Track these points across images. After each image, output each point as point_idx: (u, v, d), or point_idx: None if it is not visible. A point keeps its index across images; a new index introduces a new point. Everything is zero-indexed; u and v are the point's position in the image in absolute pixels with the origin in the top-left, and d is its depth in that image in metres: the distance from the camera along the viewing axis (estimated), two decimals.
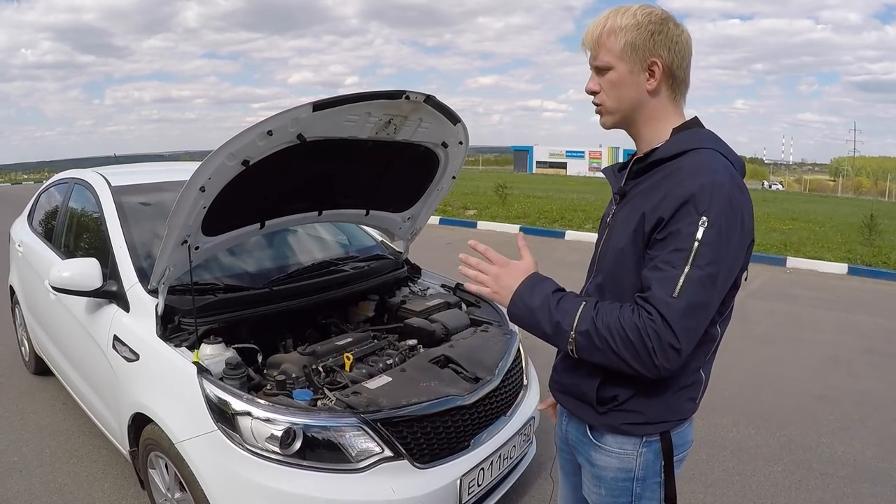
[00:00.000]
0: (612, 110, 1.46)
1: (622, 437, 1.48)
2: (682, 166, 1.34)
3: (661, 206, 1.30)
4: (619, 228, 1.44)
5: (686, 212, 1.27)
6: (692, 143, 1.39)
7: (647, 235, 1.33)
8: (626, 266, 1.39)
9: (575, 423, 1.61)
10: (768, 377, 4.90)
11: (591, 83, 1.46)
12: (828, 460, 3.64)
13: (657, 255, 1.29)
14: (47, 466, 3.40)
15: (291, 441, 2.05)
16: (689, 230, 1.26)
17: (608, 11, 1.43)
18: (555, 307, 1.37)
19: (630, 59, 1.39)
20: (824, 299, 7.70)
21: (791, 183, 59.26)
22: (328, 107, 2.12)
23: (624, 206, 1.48)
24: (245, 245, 3.08)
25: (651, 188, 1.38)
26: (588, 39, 1.43)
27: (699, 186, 1.27)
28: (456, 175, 3.09)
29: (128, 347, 2.56)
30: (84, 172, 3.76)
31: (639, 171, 1.47)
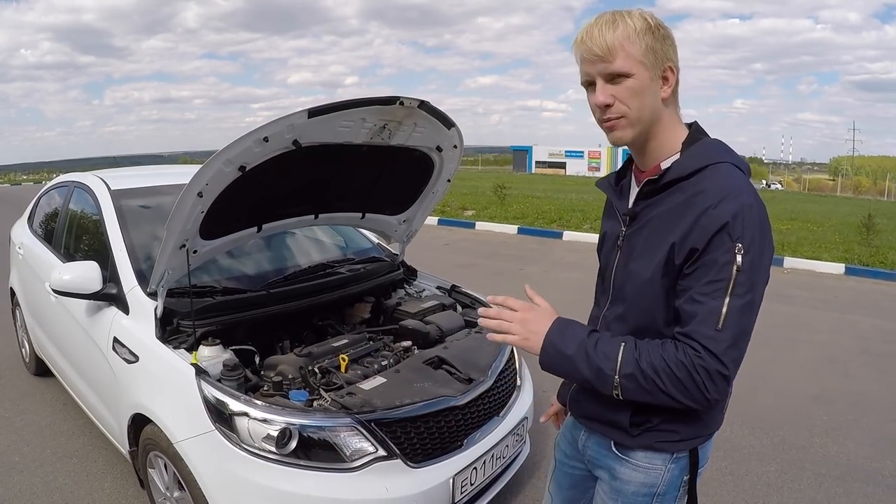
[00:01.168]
0: (635, 121, 1.34)
1: (653, 452, 1.45)
2: (705, 188, 1.29)
3: (692, 235, 1.26)
4: (639, 255, 1.39)
5: (720, 240, 1.24)
6: (707, 158, 1.34)
7: (679, 267, 1.30)
8: (655, 297, 1.35)
9: (596, 438, 1.58)
10: (763, 378, 4.92)
11: (603, 95, 1.32)
12: (821, 460, 3.67)
13: (692, 287, 1.27)
14: (48, 466, 3.44)
15: (287, 441, 2.09)
16: (726, 258, 1.23)
17: (609, 15, 1.33)
18: (592, 351, 1.31)
19: (651, 64, 1.31)
20: (821, 300, 7.73)
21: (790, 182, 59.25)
22: (323, 113, 2.16)
23: (639, 229, 1.42)
24: (243, 248, 3.12)
25: (673, 213, 1.33)
26: (598, 44, 1.29)
27: (731, 213, 1.23)
28: (451, 178, 3.13)
29: (127, 349, 2.60)
30: (84, 176, 3.80)
31: (651, 192, 1.39)
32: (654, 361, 1.26)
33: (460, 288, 3.58)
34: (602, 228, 1.63)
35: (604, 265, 1.56)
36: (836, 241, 11.97)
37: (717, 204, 1.24)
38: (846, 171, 59.39)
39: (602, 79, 1.32)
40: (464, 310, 3.36)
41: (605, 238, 1.58)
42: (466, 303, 3.43)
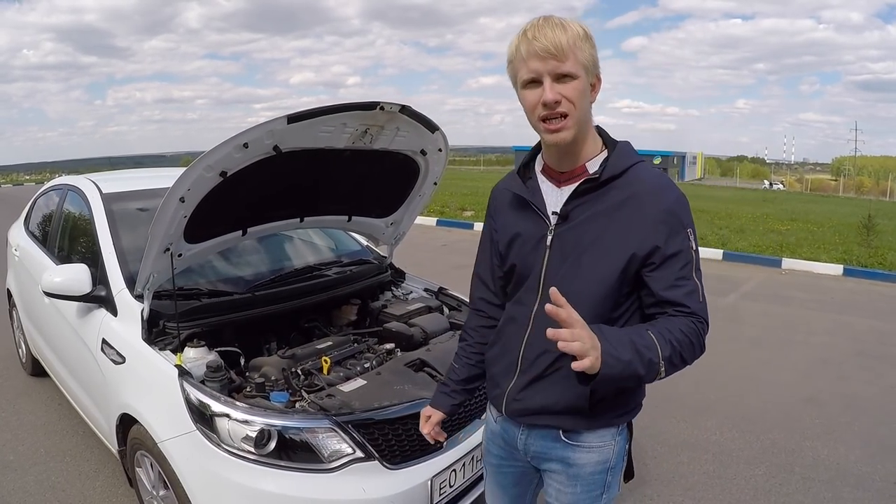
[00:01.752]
0: (577, 122, 1.42)
1: (603, 430, 1.57)
2: (645, 188, 1.45)
3: (652, 234, 1.42)
4: (587, 253, 1.46)
5: (677, 231, 1.44)
6: (631, 157, 1.49)
7: (642, 260, 1.44)
8: (609, 289, 1.46)
9: (539, 433, 1.62)
10: (756, 380, 4.94)
11: (552, 93, 1.37)
12: (811, 464, 3.68)
13: (669, 275, 1.44)
14: (41, 465, 3.49)
15: (266, 441, 2.12)
16: (686, 245, 1.45)
17: (555, 18, 1.39)
18: (641, 348, 1.34)
19: (591, 71, 1.41)
20: (818, 301, 7.74)
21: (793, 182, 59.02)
22: (303, 119, 2.18)
23: (573, 227, 1.48)
24: (231, 250, 3.15)
25: (618, 211, 1.44)
26: (553, 44, 1.34)
27: (678, 207, 1.45)
28: (437, 181, 3.15)
29: (115, 350, 2.64)
30: (77, 179, 3.84)
31: (587, 190, 1.47)
32: (678, 336, 1.39)
33: (447, 290, 3.60)
34: (507, 230, 1.63)
35: (522, 264, 1.58)
36: (836, 242, 11.98)
37: (663, 199, 1.44)
38: (848, 171, 59.22)
39: (550, 77, 1.38)
40: (450, 312, 3.38)
41: (519, 238, 1.59)
42: (453, 305, 3.45)
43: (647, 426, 4.05)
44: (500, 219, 1.68)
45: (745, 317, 6.82)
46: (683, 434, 3.99)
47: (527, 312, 1.58)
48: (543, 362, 1.54)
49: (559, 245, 1.50)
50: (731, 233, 13.07)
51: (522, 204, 1.58)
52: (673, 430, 4.04)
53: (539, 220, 1.54)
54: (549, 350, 1.50)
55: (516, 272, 1.61)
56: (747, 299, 7.60)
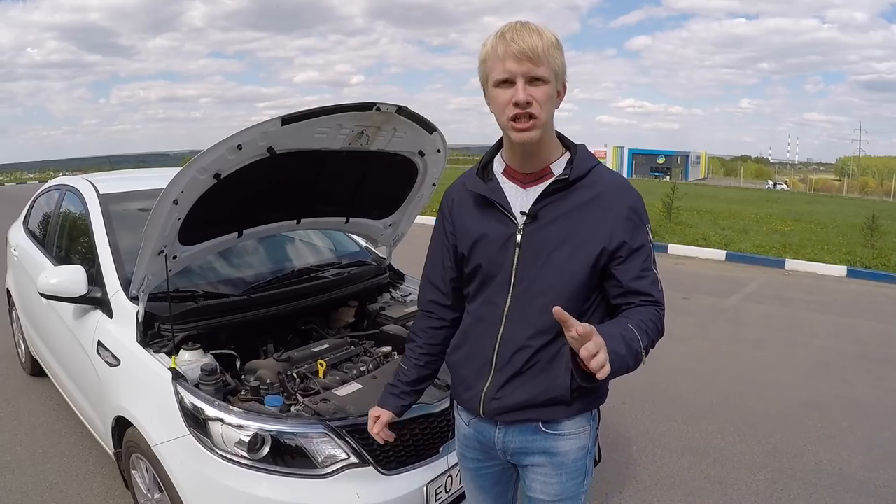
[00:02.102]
0: (543, 124, 1.48)
1: (580, 416, 1.64)
2: (608, 187, 1.55)
3: (619, 230, 1.52)
4: (558, 250, 1.53)
5: (638, 227, 1.55)
6: (592, 159, 1.59)
7: (610, 255, 1.53)
8: (581, 284, 1.54)
9: (517, 428, 1.65)
10: (758, 383, 4.91)
11: (525, 94, 1.42)
12: (813, 469, 3.64)
13: (635, 267, 1.53)
14: (39, 466, 3.48)
15: (259, 446, 2.11)
16: (646, 239, 1.56)
17: (531, 25, 1.45)
18: (631, 342, 1.40)
19: (559, 78, 1.48)
20: (822, 302, 7.71)
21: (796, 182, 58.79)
22: (297, 120, 2.16)
23: (543, 227, 1.54)
24: (227, 251, 3.12)
25: (586, 209, 1.53)
26: (530, 47, 1.40)
27: (638, 204, 1.57)
28: (436, 182, 3.12)
29: (110, 353, 2.62)
30: (75, 179, 3.82)
31: (555, 190, 1.54)
32: (650, 326, 1.48)
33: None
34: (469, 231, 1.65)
35: (489, 264, 1.61)
36: (840, 243, 11.92)
37: (624, 198, 1.54)
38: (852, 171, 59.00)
39: (524, 79, 1.43)
40: None
41: (484, 239, 1.61)
42: None
43: (648, 430, 4.03)
44: (460, 220, 1.69)
45: (747, 318, 6.79)
46: (685, 438, 3.96)
47: (497, 311, 1.60)
48: (521, 358, 1.58)
49: (529, 244, 1.55)
50: (734, 233, 13.02)
51: (486, 204, 1.61)
52: (674, 433, 4.01)
53: (506, 220, 1.58)
54: (526, 346, 1.57)
55: (482, 272, 1.63)
56: (750, 300, 7.56)
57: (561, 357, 1.54)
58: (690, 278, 8.66)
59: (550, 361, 1.56)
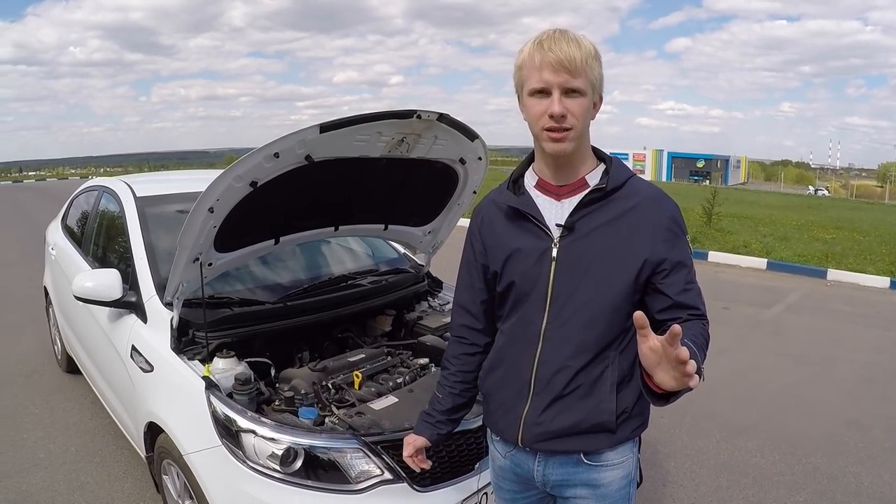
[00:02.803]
0: (578, 136, 1.43)
1: (622, 445, 1.56)
2: (646, 197, 1.50)
3: (661, 241, 1.46)
4: (599, 264, 1.46)
5: (679, 238, 1.49)
6: (627, 170, 1.54)
7: (653, 269, 1.46)
8: (624, 298, 1.47)
9: (558, 460, 1.58)
10: (798, 399, 4.77)
11: (560, 106, 1.38)
12: (853, 491, 3.52)
13: (680, 280, 1.47)
14: (72, 464, 3.51)
15: (292, 460, 2.08)
16: (688, 251, 1.51)
17: (570, 33, 1.40)
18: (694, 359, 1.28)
19: (596, 90, 1.44)
20: (864, 315, 7.49)
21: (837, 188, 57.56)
22: (336, 128, 2.11)
23: (580, 239, 1.48)
24: (264, 258, 3.10)
25: (625, 221, 1.47)
26: (568, 58, 1.35)
27: (676, 214, 1.51)
28: (477, 190, 3.06)
29: (144, 358, 2.62)
30: (112, 181, 3.84)
31: (591, 201, 1.48)
32: (702, 342, 1.40)
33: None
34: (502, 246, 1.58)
35: (522, 280, 1.54)
36: (883, 253, 11.57)
37: (663, 209, 1.49)
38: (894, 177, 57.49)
39: (559, 90, 1.38)
40: None
41: (518, 253, 1.54)
42: None
43: (685, 445, 3.93)
44: (492, 237, 1.63)
45: (788, 331, 6.62)
46: (723, 456, 3.85)
47: (534, 330, 1.53)
48: (561, 380, 1.51)
49: (565, 257, 1.48)
50: (775, 240, 12.74)
51: (520, 218, 1.55)
52: (712, 450, 3.90)
53: (540, 234, 1.52)
54: (566, 366, 1.50)
55: (515, 289, 1.56)
56: (791, 312, 7.37)
57: (604, 380, 1.49)
58: (731, 287, 8.50)
59: (593, 385, 1.50)
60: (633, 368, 1.48)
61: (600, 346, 1.48)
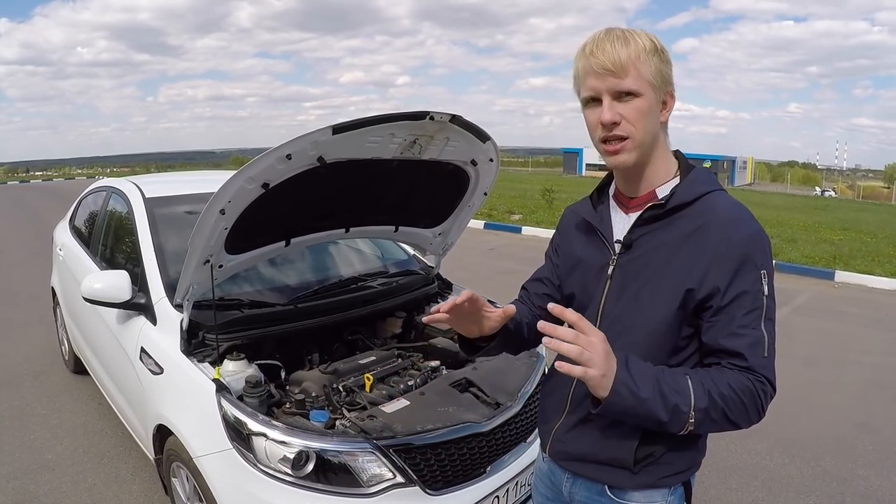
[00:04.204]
0: (639, 144, 1.29)
1: (651, 490, 1.41)
2: (716, 218, 1.29)
3: (714, 272, 1.26)
4: (647, 286, 1.34)
5: (747, 272, 1.25)
6: (707, 185, 1.34)
7: (700, 302, 1.28)
8: (668, 328, 1.32)
9: (584, 483, 1.49)
10: (808, 402, 4.74)
11: (611, 113, 1.26)
12: (863, 494, 3.50)
13: (730, 321, 1.26)
14: (79, 465, 3.50)
15: (304, 463, 2.07)
16: (756, 288, 1.26)
17: (619, 31, 1.29)
18: (668, 390, 1.21)
19: (659, 87, 1.29)
20: (873, 318, 7.45)
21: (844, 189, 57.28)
22: (348, 129, 2.09)
23: (637, 258, 1.37)
24: (274, 260, 3.09)
25: (683, 244, 1.31)
26: (611, 59, 1.24)
27: (751, 243, 1.27)
28: (488, 191, 3.04)
29: (153, 360, 2.61)
30: (120, 181, 3.84)
31: (652, 218, 1.35)
32: (723, 391, 1.22)
33: (496, 304, 3.48)
34: (571, 254, 1.53)
35: (581, 293, 1.47)
36: (891, 254, 11.53)
37: (733, 235, 1.26)
38: None
39: (610, 96, 1.27)
40: None
41: (581, 265, 1.48)
42: None
43: None
44: (565, 244, 1.58)
45: (797, 333, 6.57)
46: (732, 458, 3.83)
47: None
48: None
49: (619, 276, 1.39)
50: (782, 242, 12.69)
51: (589, 230, 1.48)
52: (722, 452, 3.88)
53: (603, 248, 1.43)
54: None
55: (575, 302, 1.48)
56: (800, 314, 7.33)
57: None
58: None
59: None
60: None
61: None
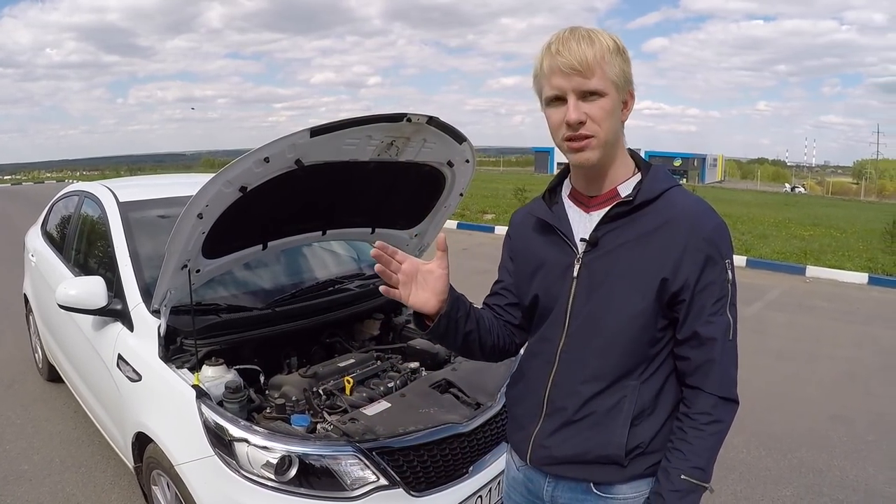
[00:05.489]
0: (603, 143, 1.31)
1: (639, 480, 1.42)
2: (681, 213, 1.34)
3: (686, 262, 1.31)
4: (618, 283, 1.36)
5: (715, 262, 1.32)
6: (667, 181, 1.39)
7: (674, 295, 1.33)
8: (645, 322, 1.35)
9: (567, 485, 1.47)
10: (782, 395, 4.82)
11: (576, 112, 1.27)
12: (839, 484, 3.57)
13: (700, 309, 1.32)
14: (56, 476, 3.44)
15: (287, 468, 2.06)
16: (723, 277, 1.33)
17: (583, 30, 1.29)
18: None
19: (622, 87, 1.32)
20: (844, 311, 7.60)
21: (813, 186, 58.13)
22: (326, 132, 2.09)
23: (604, 255, 1.38)
24: (250, 263, 3.07)
25: (651, 238, 1.34)
26: (578, 58, 1.25)
27: (713, 232, 1.33)
28: (463, 192, 3.06)
29: (131, 367, 2.58)
30: (93, 185, 3.79)
31: (618, 215, 1.37)
32: (707, 444, 1.33)
33: (473, 304, 3.49)
34: (531, 257, 1.51)
35: (545, 296, 1.46)
36: (860, 249, 11.76)
37: (699, 228, 1.32)
38: (870, 174, 58.27)
39: (575, 95, 1.28)
40: None
41: (544, 267, 1.46)
42: None
43: None
44: (523, 248, 1.55)
45: (770, 328, 6.68)
46: None
47: (552, 349, 1.45)
48: (572, 405, 1.41)
49: (586, 274, 1.39)
50: (753, 238, 12.89)
51: (547, 230, 1.47)
52: None
53: (566, 248, 1.43)
54: (577, 391, 1.41)
55: (540, 305, 1.48)
56: (772, 309, 7.45)
57: (619, 411, 1.38)
58: None
59: (606, 414, 1.38)
60: (656, 400, 1.39)
61: (617, 374, 1.38)
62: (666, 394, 1.41)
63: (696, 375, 1.36)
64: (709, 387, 1.34)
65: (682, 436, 1.35)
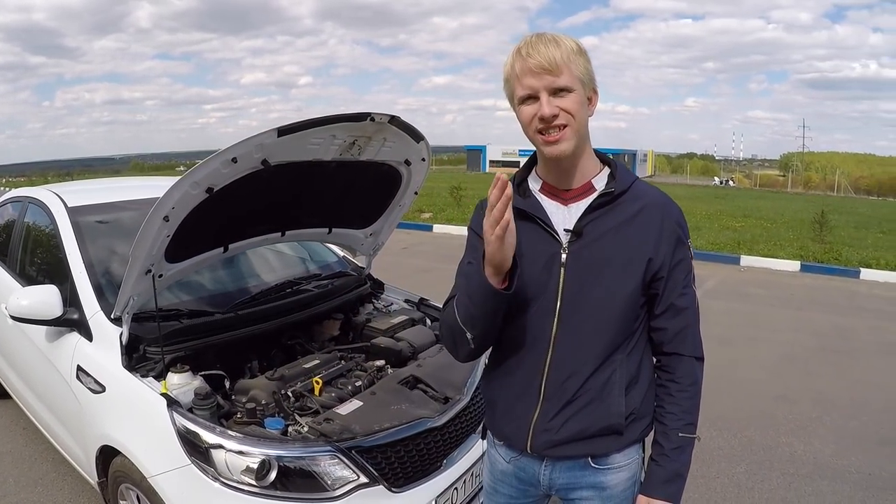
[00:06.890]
0: (576, 133, 1.41)
1: (630, 447, 1.58)
2: (650, 202, 1.51)
3: (663, 246, 1.48)
4: (606, 269, 1.46)
5: (682, 242, 1.52)
6: (631, 174, 1.54)
7: (655, 273, 1.49)
8: (633, 303, 1.50)
9: (565, 464, 1.58)
10: (728, 378, 5.00)
11: (549, 107, 1.37)
12: (788, 459, 3.75)
13: (675, 284, 1.51)
14: (12, 496, 3.31)
15: (267, 472, 2.03)
16: (688, 255, 1.54)
17: (547, 35, 1.40)
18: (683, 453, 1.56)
19: (587, 84, 1.43)
20: (778, 297, 7.92)
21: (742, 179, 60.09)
22: (293, 132, 2.10)
23: (589, 244, 1.46)
24: (208, 267, 3.01)
25: (630, 224, 1.47)
26: (547, 59, 1.35)
27: (679, 217, 1.53)
28: (418, 190, 3.09)
29: (92, 378, 2.49)
30: (38, 191, 3.63)
31: (598, 206, 1.47)
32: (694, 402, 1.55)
33: (429, 301, 3.52)
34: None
35: (531, 285, 1.48)
36: (790, 238, 12.27)
37: (668, 214, 1.50)
38: (796, 167, 60.70)
39: (547, 92, 1.38)
40: (433, 324, 3.28)
41: (525, 257, 1.45)
42: (435, 316, 3.35)
43: None
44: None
45: (709, 315, 6.87)
46: None
47: (544, 336, 1.50)
48: (572, 386, 1.49)
49: (575, 263, 1.47)
50: None
51: (526, 220, 1.49)
52: None
53: (549, 239, 1.49)
54: (577, 372, 1.49)
55: (523, 294, 1.49)
56: (710, 297, 7.71)
57: (613, 383, 1.49)
58: None
59: (602, 389, 1.49)
60: (639, 370, 1.54)
61: (609, 350, 1.49)
62: (645, 363, 1.57)
63: (673, 342, 1.54)
64: (686, 349, 1.54)
65: (671, 399, 1.54)
